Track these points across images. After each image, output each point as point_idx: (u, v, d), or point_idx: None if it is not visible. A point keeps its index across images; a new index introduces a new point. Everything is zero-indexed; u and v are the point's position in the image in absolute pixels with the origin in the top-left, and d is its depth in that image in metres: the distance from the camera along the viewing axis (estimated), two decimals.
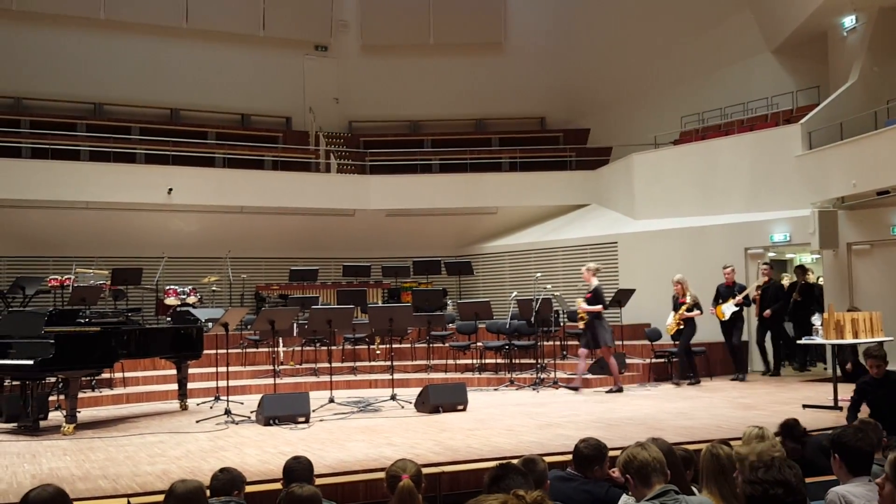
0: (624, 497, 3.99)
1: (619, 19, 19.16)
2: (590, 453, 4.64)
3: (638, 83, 19.43)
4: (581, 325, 11.99)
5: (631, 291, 13.60)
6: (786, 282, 14.57)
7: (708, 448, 3.96)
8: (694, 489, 4.04)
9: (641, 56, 19.05)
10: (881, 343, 9.07)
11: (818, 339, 10.85)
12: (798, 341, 12.68)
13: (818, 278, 14.63)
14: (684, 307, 12.43)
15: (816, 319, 11.46)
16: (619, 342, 13.86)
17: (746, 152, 15.00)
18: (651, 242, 15.68)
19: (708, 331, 13.04)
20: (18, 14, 18.09)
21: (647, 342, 13.42)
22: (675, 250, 14.99)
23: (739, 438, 4.71)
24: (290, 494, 3.84)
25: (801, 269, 14.26)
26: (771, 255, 14.85)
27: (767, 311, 12.97)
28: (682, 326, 12.46)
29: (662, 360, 13.07)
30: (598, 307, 11.73)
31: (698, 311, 12.44)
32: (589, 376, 12.65)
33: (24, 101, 18.57)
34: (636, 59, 19.18)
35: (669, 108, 18.32)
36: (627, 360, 13.13)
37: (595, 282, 11.93)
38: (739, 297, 12.64)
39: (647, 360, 13.11)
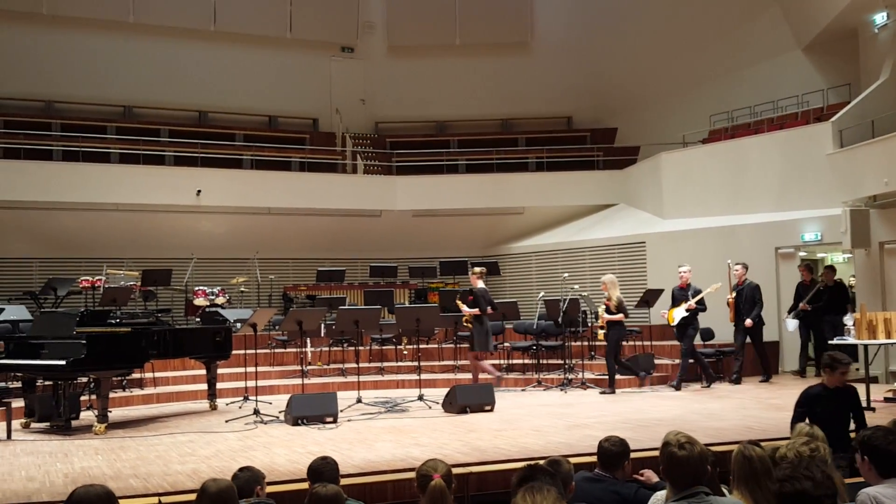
0: (654, 496, 3.96)
1: (647, 17, 19.04)
2: (617, 450, 4.62)
3: (666, 82, 19.31)
4: (469, 327, 11.84)
5: (659, 292, 13.48)
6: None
7: (740, 449, 3.89)
8: (724, 489, 4.00)
9: (669, 54, 18.92)
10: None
11: (850, 340, 10.72)
12: (829, 342, 12.51)
13: (852, 277, 14.41)
14: (601, 308, 11.99)
15: (848, 319, 11.33)
16: (648, 342, 13.80)
17: (776, 151, 14.85)
18: (680, 242, 15.56)
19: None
20: (48, 18, 18.31)
21: (675, 342, 13.28)
22: (705, 250, 14.85)
23: (771, 440, 4.65)
24: (314, 495, 3.87)
25: (809, 268, 13.57)
26: (802, 254, 14.68)
27: (749, 321, 12.40)
28: (605, 330, 11.90)
29: (691, 360, 12.95)
30: (475, 310, 11.51)
31: (621, 315, 11.80)
32: (616, 377, 12.59)
33: (54, 105, 18.81)
34: (664, 58, 19.05)
35: (698, 107, 18.19)
36: (656, 361, 13.04)
37: (480, 284, 11.79)
38: (691, 302, 12.00)
39: (676, 361, 12.99)
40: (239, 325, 11.11)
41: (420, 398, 10.69)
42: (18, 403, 9.51)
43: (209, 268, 17.19)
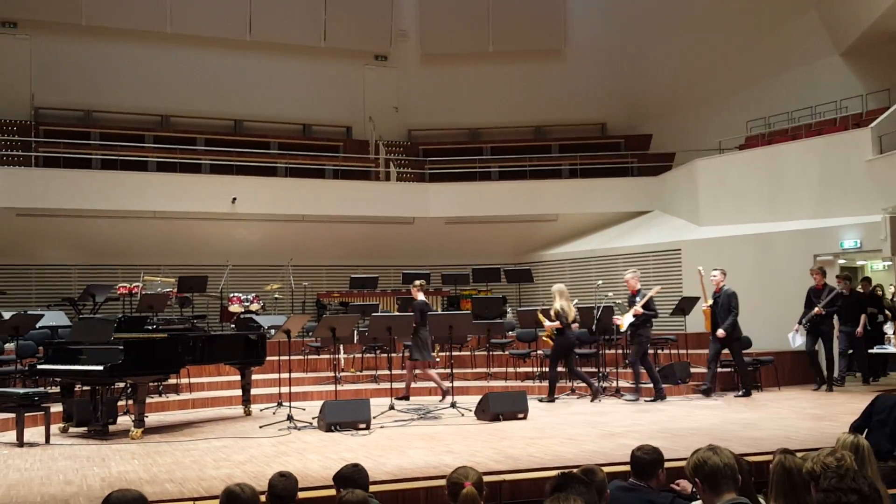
0: None
1: (682, 23, 18.90)
2: (650, 459, 4.56)
3: (701, 87, 19.14)
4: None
5: (695, 300, 13.33)
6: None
7: (780, 460, 3.78)
8: (760, 500, 3.93)
9: (705, 60, 18.76)
10: None
11: (891, 348, 10.55)
12: (870, 350, 12.30)
13: (891, 286, 14.15)
14: (540, 314, 11.97)
15: (889, 328, 11.14)
16: (684, 350, 13.66)
17: (815, 157, 14.65)
18: (716, 249, 15.37)
19: (773, 340, 12.69)
20: (88, 29, 18.65)
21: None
22: (742, 257, 14.67)
23: (810, 450, 4.56)
24: (343, 501, 3.87)
25: (822, 272, 12.79)
26: (841, 262, 14.44)
27: (721, 332, 11.80)
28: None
29: (728, 369, 12.79)
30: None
31: (558, 322, 11.70)
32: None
33: (93, 114, 19.12)
34: (699, 63, 18.90)
35: (734, 113, 18.00)
36: (692, 369, 12.89)
37: (420, 297, 11.74)
38: (637, 307, 11.69)
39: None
40: (273, 331, 11.17)
41: (453, 405, 10.66)
42: (57, 408, 9.63)
43: (244, 274, 17.34)
